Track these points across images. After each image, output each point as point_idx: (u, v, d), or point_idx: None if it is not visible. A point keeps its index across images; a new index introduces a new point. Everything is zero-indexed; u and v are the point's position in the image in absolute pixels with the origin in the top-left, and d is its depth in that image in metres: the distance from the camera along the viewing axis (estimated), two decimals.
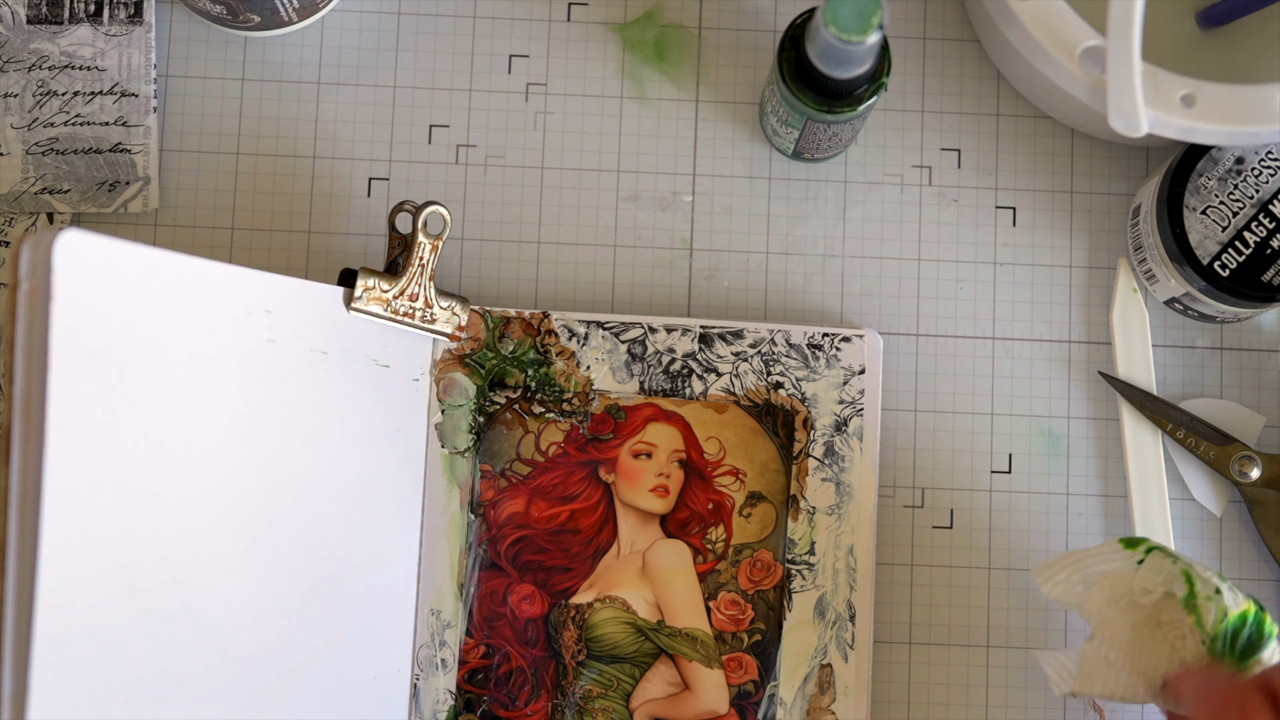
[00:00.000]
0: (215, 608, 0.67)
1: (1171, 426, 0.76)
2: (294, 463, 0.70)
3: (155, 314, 0.65)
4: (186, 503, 0.66)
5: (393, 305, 0.72)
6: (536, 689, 0.74)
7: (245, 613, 0.68)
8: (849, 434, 0.75)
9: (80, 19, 0.77)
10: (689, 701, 0.74)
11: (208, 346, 0.67)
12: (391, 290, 0.72)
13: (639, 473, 0.75)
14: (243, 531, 0.68)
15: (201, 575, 0.66)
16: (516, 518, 0.74)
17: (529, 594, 0.74)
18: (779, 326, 0.75)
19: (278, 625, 0.69)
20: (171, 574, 0.65)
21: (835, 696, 0.73)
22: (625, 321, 0.75)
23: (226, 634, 0.67)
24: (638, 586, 0.74)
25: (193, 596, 0.66)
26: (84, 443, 0.62)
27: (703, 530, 0.74)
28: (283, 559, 0.69)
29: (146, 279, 0.65)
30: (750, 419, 0.75)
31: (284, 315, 0.69)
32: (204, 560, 0.66)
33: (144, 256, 0.64)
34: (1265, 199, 0.72)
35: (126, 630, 0.63)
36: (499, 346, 0.75)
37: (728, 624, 0.74)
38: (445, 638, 0.74)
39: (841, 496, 0.74)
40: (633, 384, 0.75)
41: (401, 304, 0.73)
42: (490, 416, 0.75)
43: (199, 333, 0.67)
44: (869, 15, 0.64)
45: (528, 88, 0.79)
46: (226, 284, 0.68)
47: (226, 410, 0.67)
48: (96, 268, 0.63)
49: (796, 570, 0.74)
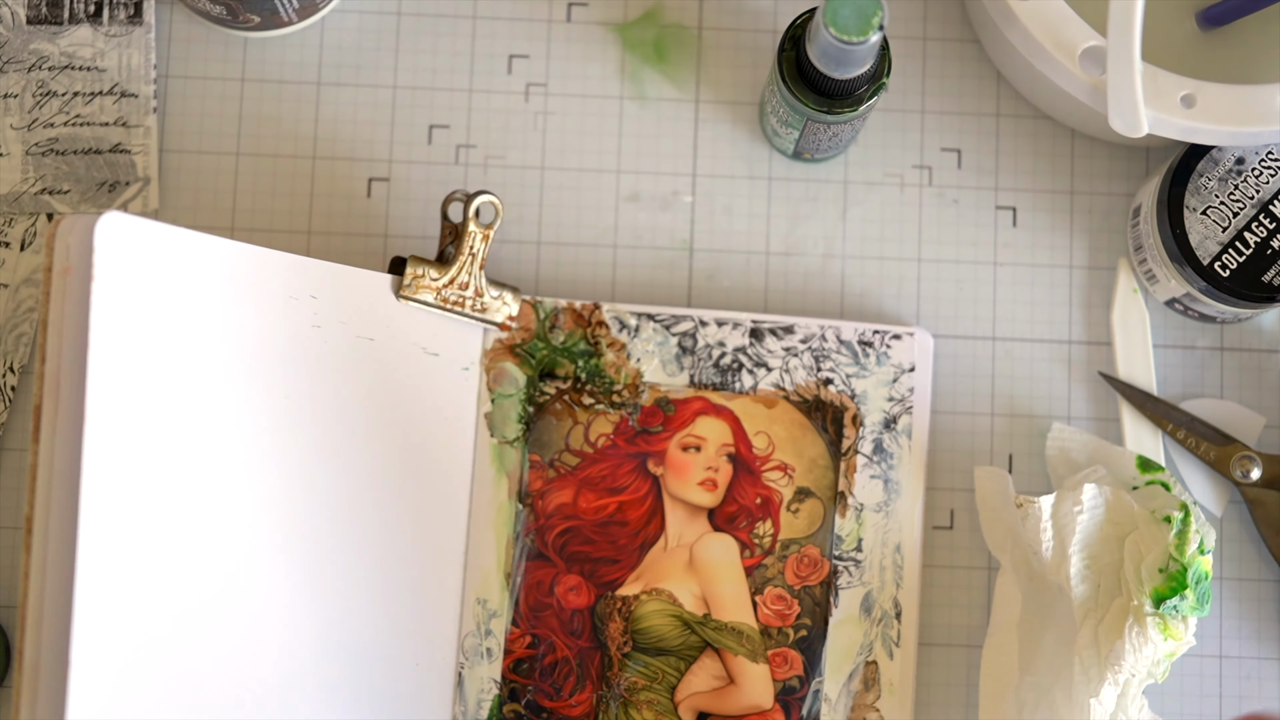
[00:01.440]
0: (256, 590, 0.67)
1: (1172, 427, 0.76)
2: (339, 447, 0.70)
3: (196, 296, 0.65)
4: (228, 485, 0.66)
5: (442, 294, 0.72)
6: (581, 680, 0.74)
7: (287, 595, 0.68)
8: (898, 431, 0.75)
9: (80, 19, 0.77)
10: (734, 696, 0.74)
11: (250, 330, 0.67)
12: (442, 279, 0.72)
13: (688, 466, 0.75)
14: (286, 514, 0.68)
15: (243, 557, 0.66)
16: (564, 508, 0.74)
17: (575, 585, 0.74)
18: (829, 323, 0.75)
19: (319, 609, 0.69)
20: (212, 557, 0.65)
21: (880, 694, 0.73)
22: (676, 314, 0.75)
23: (267, 618, 0.67)
24: (684, 580, 0.74)
25: (234, 580, 0.66)
26: (123, 423, 0.62)
27: (750, 525, 0.74)
28: (327, 542, 0.69)
29: (187, 262, 0.65)
30: (799, 414, 0.75)
31: (329, 301, 0.70)
32: (246, 542, 0.67)
33: (184, 240, 0.64)
34: (1265, 199, 0.72)
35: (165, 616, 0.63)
36: (549, 337, 0.75)
37: (774, 619, 0.74)
38: (491, 627, 0.74)
39: (890, 494, 0.74)
40: (683, 377, 0.75)
41: (452, 293, 0.72)
42: (540, 407, 0.75)
43: (241, 316, 0.67)
44: (869, 15, 0.64)
45: (528, 88, 0.79)
46: (269, 269, 0.68)
47: (270, 393, 0.67)
48: (136, 250, 0.62)
49: (844, 566, 0.74)
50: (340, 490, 0.70)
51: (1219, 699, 0.75)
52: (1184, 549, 0.69)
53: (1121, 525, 0.71)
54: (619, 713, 0.74)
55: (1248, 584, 0.76)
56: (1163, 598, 0.68)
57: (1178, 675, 0.75)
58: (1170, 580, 0.69)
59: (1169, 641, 0.69)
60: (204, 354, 0.65)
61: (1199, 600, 0.69)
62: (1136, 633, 0.68)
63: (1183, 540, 0.69)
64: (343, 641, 0.70)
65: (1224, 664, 0.76)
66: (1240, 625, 0.76)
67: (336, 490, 0.70)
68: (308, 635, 0.69)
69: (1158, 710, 0.75)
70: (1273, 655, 0.76)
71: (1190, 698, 0.75)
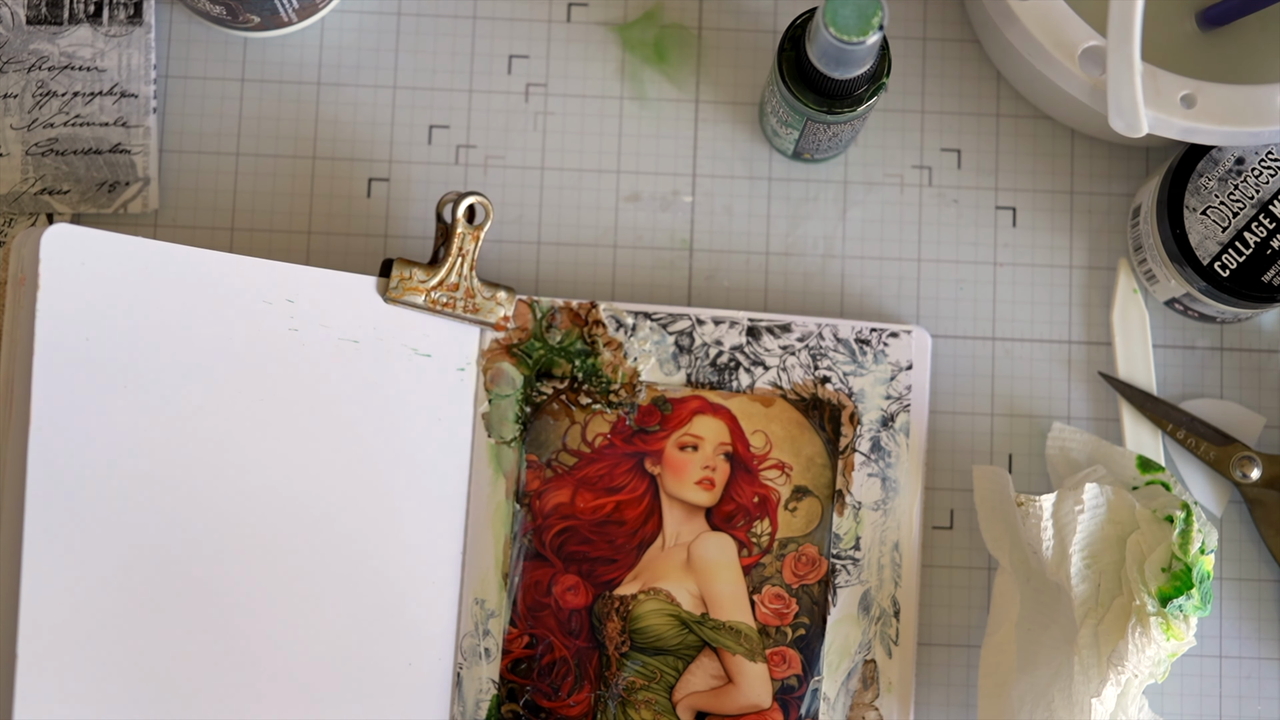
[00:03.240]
0: (242, 596, 0.67)
1: (1172, 427, 0.76)
2: (323, 450, 0.70)
3: (158, 304, 0.65)
4: (199, 489, 0.66)
5: (432, 295, 0.72)
6: (579, 680, 0.74)
7: (276, 599, 0.68)
8: (896, 429, 0.75)
9: (80, 19, 0.77)
10: (732, 695, 0.74)
11: (217, 334, 0.67)
12: (430, 280, 0.72)
13: (685, 465, 0.75)
14: (269, 515, 0.68)
15: (225, 562, 0.67)
16: (562, 508, 0.74)
17: (573, 584, 0.74)
18: (827, 321, 0.75)
19: (310, 613, 0.69)
20: (187, 564, 0.65)
21: (879, 692, 0.73)
22: (673, 313, 0.75)
23: (256, 624, 0.67)
24: (682, 579, 0.74)
25: (215, 586, 0.66)
26: (75, 429, 0.62)
27: (748, 524, 0.74)
28: (311, 545, 0.69)
29: (147, 271, 0.65)
30: (797, 413, 0.75)
31: (308, 305, 0.70)
32: (227, 547, 0.67)
33: (140, 248, 0.65)
34: (1265, 199, 0.72)
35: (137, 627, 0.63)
36: (546, 337, 0.75)
37: (772, 618, 0.74)
38: (489, 627, 0.74)
39: (887, 492, 0.74)
40: (680, 376, 0.75)
41: (441, 294, 0.72)
42: (537, 407, 0.75)
43: (206, 321, 0.67)
44: (869, 15, 0.64)
45: (528, 88, 0.79)
46: (237, 274, 0.68)
47: (243, 396, 0.67)
48: (87, 260, 0.63)
49: (841, 565, 0.74)
50: (327, 492, 0.70)
51: (1219, 699, 0.75)
52: (1188, 548, 0.69)
53: (1123, 525, 0.71)
54: (617, 712, 0.74)
55: (1248, 584, 0.76)
56: (1168, 597, 0.68)
57: (1178, 675, 0.75)
58: (1175, 579, 0.69)
59: (1171, 641, 0.69)
60: (165, 359, 0.65)
61: (1202, 599, 0.69)
62: (1140, 633, 0.68)
63: (1186, 539, 0.69)
64: (336, 645, 0.70)
65: (1224, 664, 0.76)
66: (1240, 625, 0.76)
67: (323, 492, 0.70)
68: (301, 640, 0.69)
69: (1158, 710, 0.75)
70: (1273, 655, 0.76)
71: (1190, 698, 0.75)
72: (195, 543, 0.66)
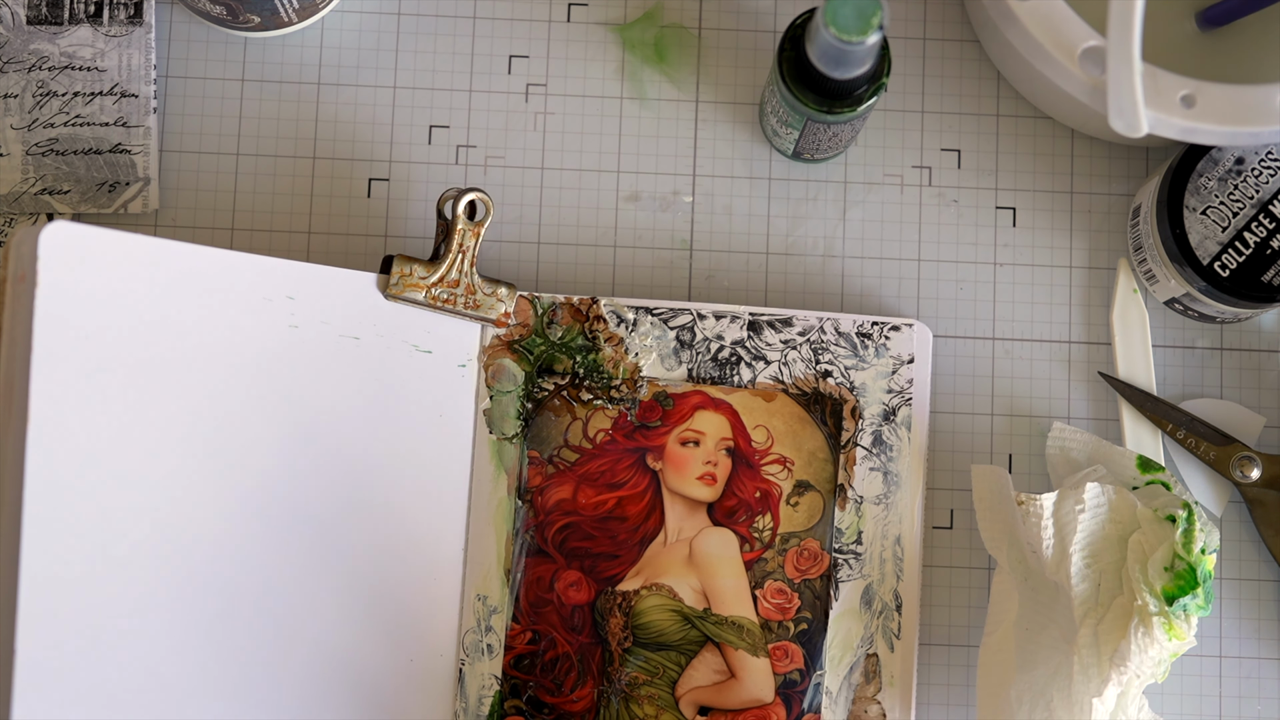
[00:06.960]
0: (243, 593, 0.67)
1: (1171, 427, 0.76)
2: (323, 446, 0.70)
3: (158, 301, 0.65)
4: (199, 487, 0.66)
5: (432, 292, 0.72)
6: (582, 675, 0.74)
7: (277, 596, 0.68)
8: (897, 423, 0.75)
9: (80, 20, 0.77)
10: (734, 689, 0.74)
11: (219, 331, 0.67)
12: (431, 277, 0.72)
13: (687, 460, 0.75)
14: (268, 510, 0.68)
15: (227, 559, 0.67)
16: (564, 504, 0.74)
17: (576, 580, 0.74)
18: (828, 315, 0.75)
19: (306, 609, 0.69)
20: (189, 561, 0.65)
21: (880, 686, 0.73)
22: (674, 308, 0.75)
23: (257, 621, 0.67)
24: (684, 574, 0.74)
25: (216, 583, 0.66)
26: (73, 427, 0.62)
27: (750, 519, 0.74)
28: (312, 542, 0.69)
29: (146, 268, 0.65)
30: (798, 407, 0.75)
31: (308, 302, 0.70)
32: (227, 543, 0.67)
33: (138, 245, 0.65)
34: (1265, 199, 0.72)
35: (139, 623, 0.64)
36: (547, 332, 0.75)
37: (774, 612, 0.74)
38: (491, 623, 0.74)
39: (889, 486, 0.74)
40: (681, 371, 0.75)
41: (441, 290, 0.72)
42: (538, 403, 0.75)
43: (208, 318, 0.67)
44: (869, 15, 0.64)
45: (528, 88, 0.79)
46: (236, 271, 0.68)
47: (243, 393, 0.68)
48: (85, 257, 0.63)
49: (843, 559, 0.74)
50: (328, 489, 0.70)
51: (1219, 699, 0.75)
52: (1190, 548, 0.69)
53: (1124, 524, 0.71)
54: (620, 708, 0.74)
55: (1248, 584, 0.76)
56: (1172, 597, 0.69)
57: (1178, 675, 0.75)
58: (1178, 579, 0.69)
59: (1173, 641, 0.69)
60: (164, 357, 0.65)
61: (1205, 599, 0.69)
62: (1142, 632, 0.68)
63: (1189, 539, 0.69)
64: (337, 642, 0.70)
65: (1224, 664, 0.76)
66: (1240, 625, 0.76)
67: (324, 489, 0.70)
68: (302, 637, 0.69)
69: (1158, 710, 0.75)
70: (1273, 655, 0.76)
71: (1190, 698, 0.75)
72: (195, 540, 0.66)
